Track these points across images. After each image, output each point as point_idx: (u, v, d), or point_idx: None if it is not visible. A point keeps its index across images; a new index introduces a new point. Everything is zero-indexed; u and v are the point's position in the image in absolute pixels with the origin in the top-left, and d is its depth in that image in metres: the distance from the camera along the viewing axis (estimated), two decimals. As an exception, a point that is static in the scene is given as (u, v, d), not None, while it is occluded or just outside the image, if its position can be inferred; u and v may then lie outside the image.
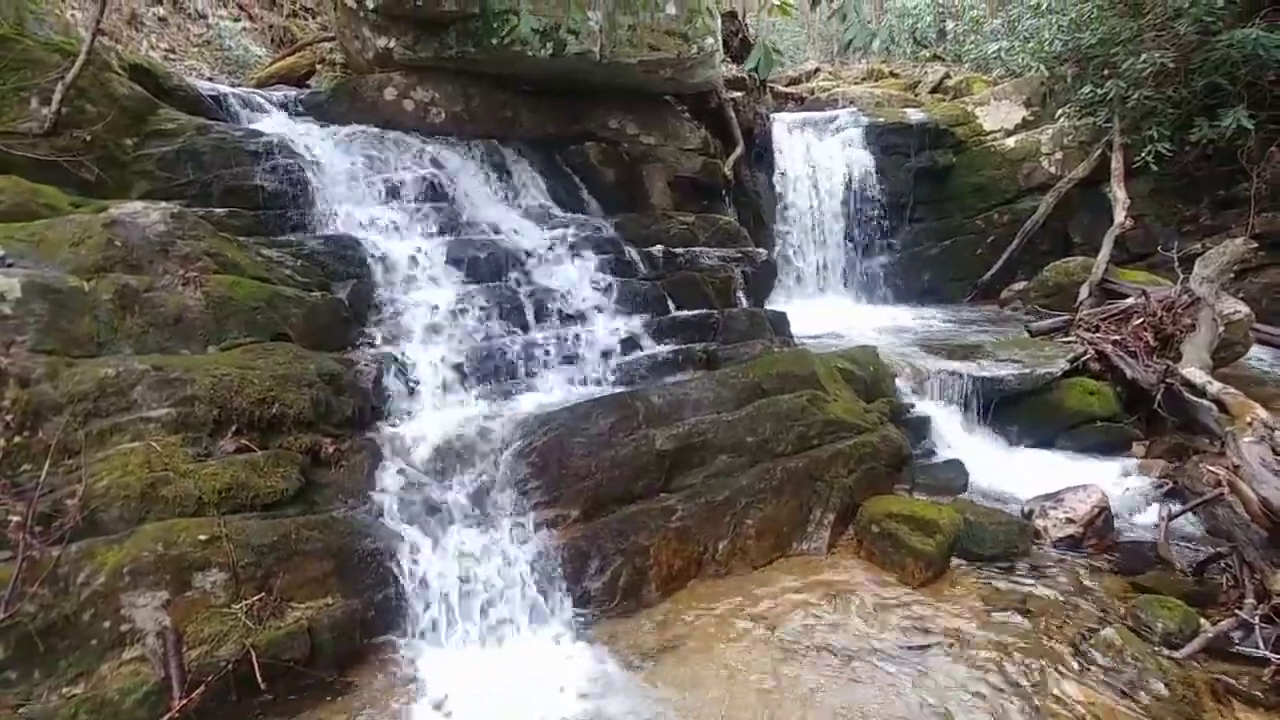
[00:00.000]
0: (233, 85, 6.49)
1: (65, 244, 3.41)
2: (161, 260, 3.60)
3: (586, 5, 5.54)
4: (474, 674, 3.29)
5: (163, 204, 3.86)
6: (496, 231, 5.29)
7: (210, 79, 7.14)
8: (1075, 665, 3.36)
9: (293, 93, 6.07)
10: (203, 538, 2.99)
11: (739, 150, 8.46)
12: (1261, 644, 3.33)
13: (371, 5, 5.33)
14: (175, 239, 3.68)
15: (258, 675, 2.87)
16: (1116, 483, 5.19)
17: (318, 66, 7.47)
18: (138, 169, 4.34)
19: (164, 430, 3.18)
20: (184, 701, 2.67)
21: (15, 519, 2.69)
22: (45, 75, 4.06)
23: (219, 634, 2.92)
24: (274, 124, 5.32)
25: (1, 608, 2.57)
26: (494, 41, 5.38)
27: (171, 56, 7.59)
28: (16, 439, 2.88)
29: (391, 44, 5.57)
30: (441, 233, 5.01)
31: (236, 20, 8.81)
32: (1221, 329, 6.47)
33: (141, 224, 3.63)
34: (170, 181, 4.37)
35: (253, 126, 5.11)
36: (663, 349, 5.12)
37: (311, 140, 5.07)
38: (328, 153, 5.01)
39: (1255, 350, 7.30)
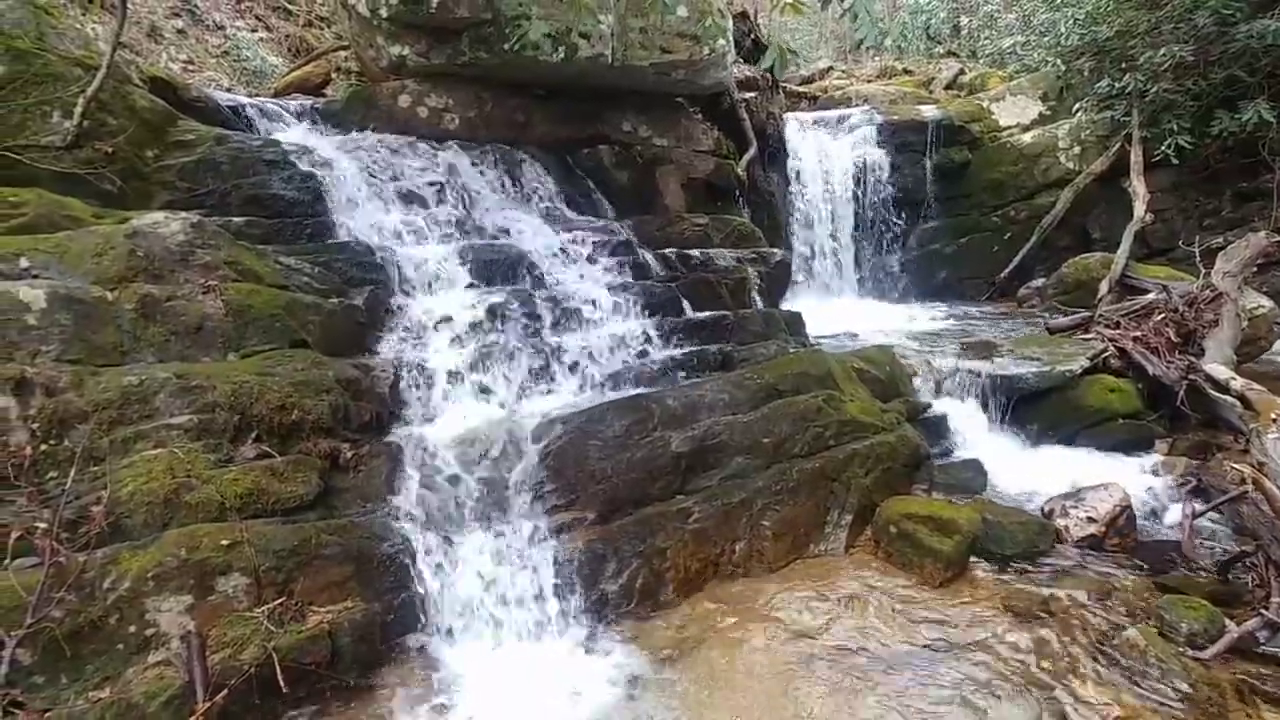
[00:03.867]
0: (250, 95, 6.57)
1: (88, 255, 3.46)
2: (182, 270, 3.66)
3: (598, 9, 5.57)
4: (493, 676, 3.31)
5: (183, 214, 3.91)
6: (511, 236, 5.32)
7: (228, 89, 7.23)
8: (1098, 666, 3.32)
9: (309, 101, 6.14)
10: (225, 543, 3.04)
11: (752, 151, 8.47)
12: (1288, 644, 3.29)
13: (385, 14, 5.38)
14: (195, 248, 3.74)
15: (280, 678, 2.90)
16: (1139, 481, 5.13)
17: (333, 75, 7.56)
18: (158, 180, 4.40)
19: (186, 437, 3.22)
20: (208, 705, 2.70)
21: (42, 526, 2.74)
22: (67, 89, 4.12)
23: (242, 638, 2.95)
24: (291, 133, 5.38)
25: (29, 613, 2.61)
26: (506, 47, 5.41)
27: (190, 68, 7.69)
28: (43, 447, 2.94)
29: (405, 51, 5.62)
30: (456, 238, 5.04)
31: (254, 31, 8.92)
32: (1245, 324, 6.38)
33: (162, 234, 3.69)
34: (190, 192, 4.43)
35: (270, 136, 5.18)
36: (677, 351, 5.12)
37: (327, 148, 5.12)
38: (344, 160, 5.06)
39: (1280, 345, 7.19)
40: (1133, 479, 5.10)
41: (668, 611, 3.86)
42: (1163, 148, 8.76)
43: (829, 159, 10.06)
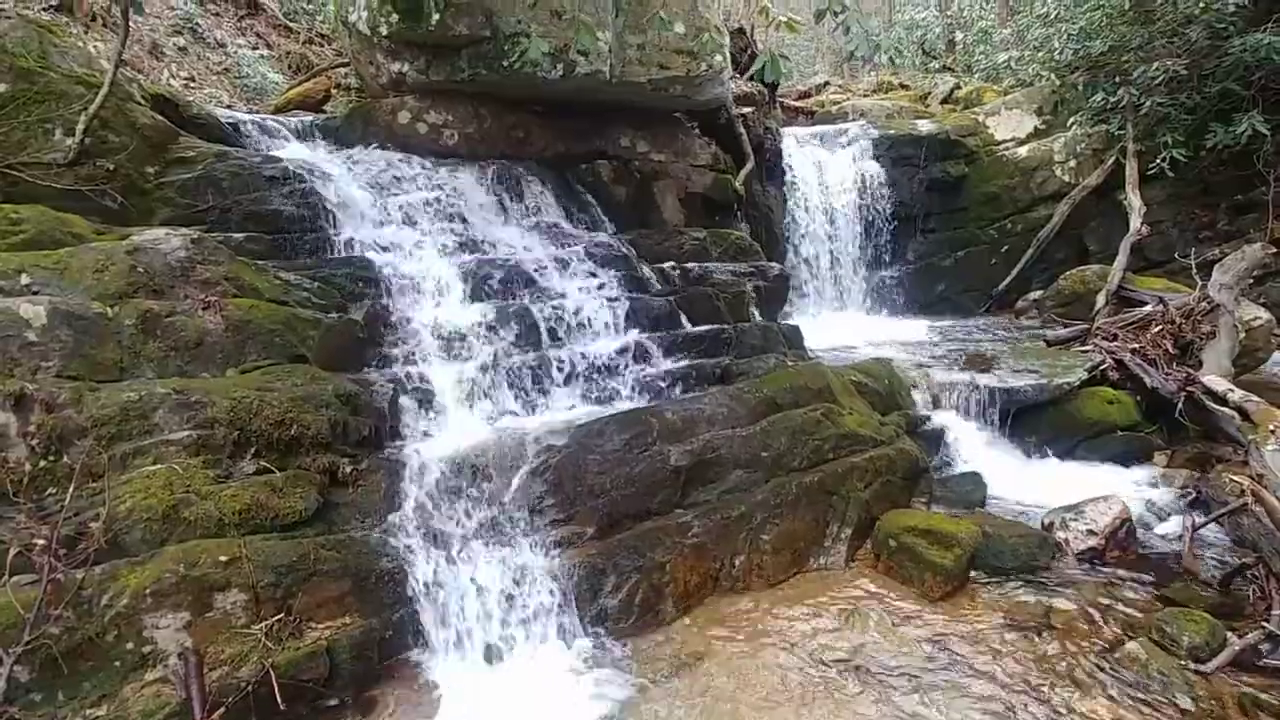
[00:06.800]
0: (251, 112, 6.61)
1: (89, 271, 3.48)
2: (182, 285, 3.67)
3: (596, 26, 5.62)
4: (491, 692, 3.30)
5: (183, 230, 3.94)
6: (510, 250, 5.34)
7: (229, 106, 7.27)
8: (1100, 680, 3.31)
9: (309, 118, 6.17)
10: (223, 559, 3.03)
11: (750, 165, 8.50)
12: (1290, 657, 3.28)
13: (385, 31, 5.43)
14: (195, 264, 3.75)
15: (277, 696, 2.89)
16: (1138, 493, 5.13)
17: (333, 92, 7.61)
18: (159, 196, 4.43)
19: (185, 453, 3.23)
20: (205, 722, 2.69)
21: (40, 542, 2.73)
22: (69, 106, 4.16)
23: (239, 655, 2.94)
24: (291, 149, 5.41)
25: (27, 630, 2.60)
26: (505, 64, 5.45)
27: (191, 85, 7.74)
28: (42, 463, 2.94)
29: (405, 68, 5.67)
30: (455, 253, 5.06)
31: (255, 48, 8.98)
32: (1242, 335, 6.40)
33: (163, 250, 3.71)
34: (191, 208, 4.46)
35: (270, 152, 5.21)
36: (676, 365, 5.13)
37: (327, 165, 5.15)
38: (343, 176, 5.09)
39: (1278, 356, 7.20)
40: (1132, 491, 5.10)
41: (667, 626, 3.84)
42: (1157, 161, 8.80)
43: (826, 173, 10.10)
